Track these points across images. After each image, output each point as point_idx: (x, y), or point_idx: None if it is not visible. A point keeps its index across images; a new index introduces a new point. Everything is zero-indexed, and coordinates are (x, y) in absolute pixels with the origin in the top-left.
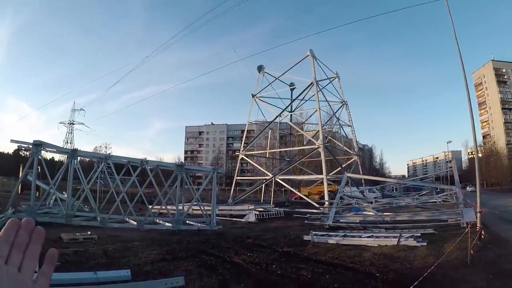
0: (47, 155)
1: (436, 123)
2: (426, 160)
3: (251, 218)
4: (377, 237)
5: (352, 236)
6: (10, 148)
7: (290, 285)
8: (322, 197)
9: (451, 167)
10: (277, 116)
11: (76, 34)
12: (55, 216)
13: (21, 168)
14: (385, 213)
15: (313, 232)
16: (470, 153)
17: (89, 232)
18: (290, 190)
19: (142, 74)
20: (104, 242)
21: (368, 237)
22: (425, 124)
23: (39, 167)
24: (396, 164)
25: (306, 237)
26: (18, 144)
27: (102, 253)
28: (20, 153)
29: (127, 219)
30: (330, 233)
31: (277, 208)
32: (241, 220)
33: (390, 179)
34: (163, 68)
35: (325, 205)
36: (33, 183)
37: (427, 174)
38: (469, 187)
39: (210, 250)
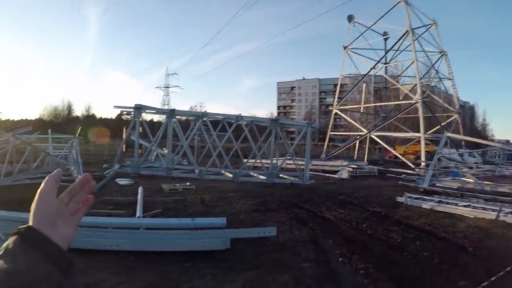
0: (146, 116)
1: None
2: None
3: (344, 174)
4: (474, 207)
5: (448, 203)
6: (113, 114)
7: (378, 247)
8: (418, 157)
9: None
10: (371, 69)
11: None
12: (156, 170)
13: (124, 130)
14: (485, 182)
15: (407, 194)
16: None
17: (187, 183)
18: (385, 148)
19: (230, 33)
20: (201, 192)
21: (464, 206)
22: None
23: (140, 127)
24: (501, 127)
25: (399, 199)
26: (121, 109)
27: (199, 202)
28: (122, 117)
29: (223, 171)
30: (424, 197)
31: (370, 166)
32: (334, 176)
33: (494, 143)
34: (250, 26)
35: (421, 166)
36: (136, 142)
37: None
38: None
39: (301, 204)
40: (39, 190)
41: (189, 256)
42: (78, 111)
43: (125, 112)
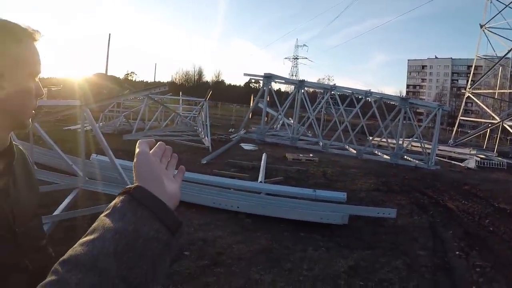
0: (274, 86)
1: None
2: None
3: (471, 164)
4: None
5: None
6: (241, 81)
7: (499, 246)
8: None
9: None
10: (509, 51)
11: None
12: (281, 138)
13: (251, 97)
14: None
15: None
16: None
17: (311, 155)
18: None
19: (361, 7)
20: (324, 165)
21: None
22: None
23: (268, 96)
24: None
25: None
26: (250, 77)
27: (321, 174)
28: (250, 85)
29: (347, 147)
30: None
31: (500, 158)
32: (460, 164)
33: None
34: (382, 0)
35: None
36: (263, 110)
37: None
38: None
39: (424, 189)
40: (136, 153)
41: (306, 226)
42: (208, 77)
43: (253, 80)
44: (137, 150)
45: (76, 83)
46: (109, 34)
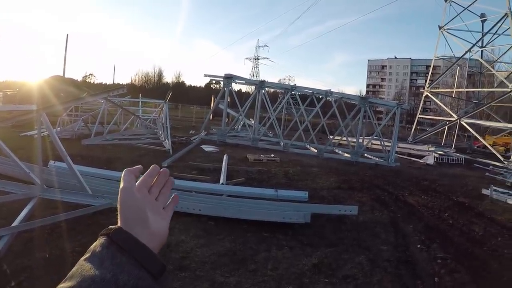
0: (235, 87)
1: None
2: None
3: (430, 160)
4: None
5: None
6: (202, 82)
7: (458, 238)
8: (508, 150)
9: None
10: (466, 52)
11: None
12: (242, 139)
13: (212, 99)
14: None
15: (493, 188)
16: None
17: (272, 155)
18: (474, 136)
19: (322, 8)
20: (285, 165)
21: None
22: None
23: (229, 97)
24: None
25: (484, 191)
26: (211, 78)
27: (283, 174)
28: (211, 86)
29: (308, 146)
30: (511, 192)
31: (457, 154)
32: (419, 160)
33: None
34: (343, 1)
35: (510, 159)
36: (224, 111)
37: None
38: None
39: (385, 185)
40: (120, 188)
41: (268, 226)
42: (169, 78)
43: (214, 81)
44: (121, 184)
45: (32, 86)
46: (67, 34)
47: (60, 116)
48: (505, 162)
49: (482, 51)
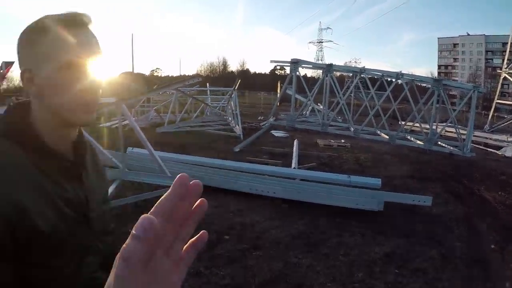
0: (301, 72)
1: None
2: None
3: (509, 152)
4: None
5: None
6: (266, 69)
7: None
8: None
9: None
10: None
11: None
12: (311, 124)
13: (278, 84)
14: None
15: None
16: None
17: (342, 140)
18: None
19: None
20: (356, 151)
21: None
22: None
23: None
24: None
25: None
26: (277, 64)
27: (354, 160)
28: (276, 72)
29: (379, 132)
30: None
31: None
32: (497, 152)
33: None
34: None
35: None
36: (292, 96)
37: None
38: None
39: (459, 177)
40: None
41: (341, 212)
42: (233, 67)
43: (278, 67)
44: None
45: (108, 81)
46: (132, 34)
47: (134, 107)
48: None
49: None
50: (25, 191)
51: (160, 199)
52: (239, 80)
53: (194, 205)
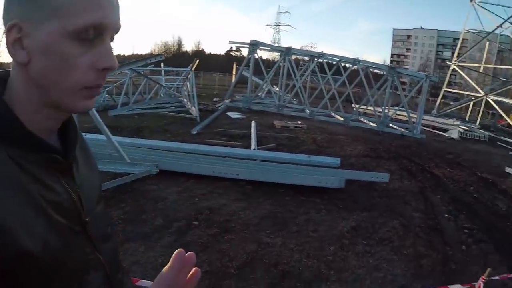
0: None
1: None
2: None
3: (454, 134)
4: None
5: None
6: (221, 50)
7: (483, 211)
8: None
9: None
10: (497, 27)
11: None
12: (267, 106)
13: (233, 66)
14: None
15: None
16: None
17: (299, 122)
18: (499, 114)
19: None
20: (312, 132)
21: None
22: None
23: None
24: None
25: (508, 170)
26: (234, 44)
27: (311, 141)
28: (231, 53)
29: (333, 114)
30: None
31: (481, 131)
32: (443, 134)
33: None
34: None
35: None
36: (249, 78)
37: None
38: None
39: (410, 156)
40: None
41: (304, 191)
42: (188, 47)
43: (234, 48)
44: None
45: None
46: None
47: None
48: None
49: None
50: (4, 201)
51: (162, 272)
52: (197, 60)
53: (189, 275)
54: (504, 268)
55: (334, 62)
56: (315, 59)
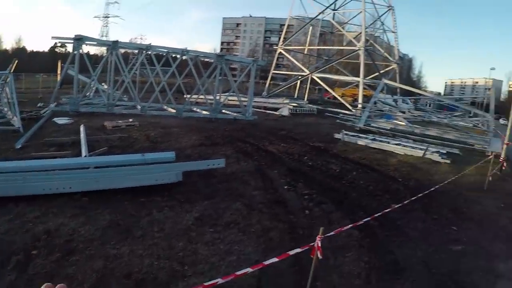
0: (84, 49)
1: (484, 44)
2: (465, 83)
3: (285, 112)
4: (404, 146)
5: (381, 141)
6: (45, 47)
7: (319, 176)
8: (356, 100)
9: (489, 95)
10: (319, 13)
11: None
12: (96, 106)
13: (59, 64)
14: (415, 125)
15: (344, 132)
16: (511, 86)
17: (130, 120)
18: (325, 89)
19: None
20: (145, 129)
21: (396, 144)
22: (471, 43)
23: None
24: (434, 80)
25: (336, 135)
26: (59, 41)
27: (144, 138)
28: (56, 50)
29: (166, 107)
30: (360, 135)
31: (310, 105)
32: (275, 113)
33: (426, 93)
34: None
35: (358, 108)
36: (75, 77)
37: (463, 96)
38: (503, 119)
39: (245, 138)
40: None
41: (143, 191)
42: (8, 44)
43: (59, 44)
44: None
45: None
46: None
47: None
48: (353, 110)
49: (334, 13)
50: None
51: None
52: (16, 60)
53: None
54: (347, 222)
55: (164, 54)
56: (144, 52)
